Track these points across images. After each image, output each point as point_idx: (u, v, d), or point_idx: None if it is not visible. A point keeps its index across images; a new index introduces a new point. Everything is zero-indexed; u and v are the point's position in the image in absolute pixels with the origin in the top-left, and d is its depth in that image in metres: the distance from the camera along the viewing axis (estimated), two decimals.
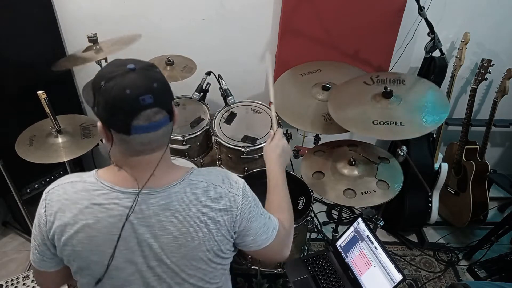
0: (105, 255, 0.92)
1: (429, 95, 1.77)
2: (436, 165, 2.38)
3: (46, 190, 0.96)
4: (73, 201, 0.91)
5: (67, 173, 2.04)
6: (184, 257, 0.95)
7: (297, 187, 1.92)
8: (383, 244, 1.60)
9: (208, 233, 0.94)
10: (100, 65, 1.87)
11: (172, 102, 0.91)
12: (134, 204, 0.90)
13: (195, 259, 0.96)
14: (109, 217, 0.90)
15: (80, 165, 2.48)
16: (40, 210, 0.95)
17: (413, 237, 2.56)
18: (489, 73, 2.21)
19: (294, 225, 1.71)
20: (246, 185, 1.03)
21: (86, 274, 0.96)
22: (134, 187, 0.91)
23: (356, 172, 1.73)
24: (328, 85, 1.94)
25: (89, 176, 0.94)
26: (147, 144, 0.89)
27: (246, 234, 1.01)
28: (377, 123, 1.62)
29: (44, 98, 1.62)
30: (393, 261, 1.54)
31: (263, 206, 1.09)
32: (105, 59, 1.82)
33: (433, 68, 2.17)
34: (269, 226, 1.04)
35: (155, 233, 0.92)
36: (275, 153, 1.24)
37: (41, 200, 0.95)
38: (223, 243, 0.98)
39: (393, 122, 1.61)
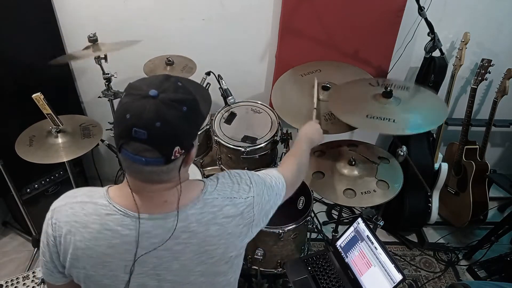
0: (118, 279, 0.91)
1: (426, 105, 1.76)
2: (436, 165, 2.38)
3: (52, 207, 0.92)
4: (83, 224, 0.88)
5: (67, 174, 2.07)
6: (203, 274, 0.94)
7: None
8: (383, 244, 1.60)
9: (229, 246, 0.94)
10: (100, 64, 1.87)
11: (178, 148, 0.81)
12: (138, 231, 0.87)
13: (214, 274, 0.96)
14: (124, 243, 0.87)
15: (80, 165, 2.47)
16: (48, 229, 0.91)
17: (413, 237, 2.56)
18: (489, 73, 2.21)
19: (294, 225, 1.75)
20: (252, 174, 1.03)
21: None
22: (147, 211, 0.88)
23: (356, 172, 1.73)
24: (328, 85, 1.94)
25: (100, 197, 0.90)
26: (134, 172, 0.85)
27: (269, 213, 1.05)
28: (371, 117, 1.63)
29: (42, 99, 1.61)
30: (393, 261, 1.54)
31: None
32: (105, 57, 1.83)
33: (433, 68, 2.17)
34: (278, 190, 1.08)
35: (174, 255, 0.90)
36: (316, 132, 1.49)
37: (46, 217, 0.92)
38: (244, 242, 0.99)
39: (386, 119, 1.62)
